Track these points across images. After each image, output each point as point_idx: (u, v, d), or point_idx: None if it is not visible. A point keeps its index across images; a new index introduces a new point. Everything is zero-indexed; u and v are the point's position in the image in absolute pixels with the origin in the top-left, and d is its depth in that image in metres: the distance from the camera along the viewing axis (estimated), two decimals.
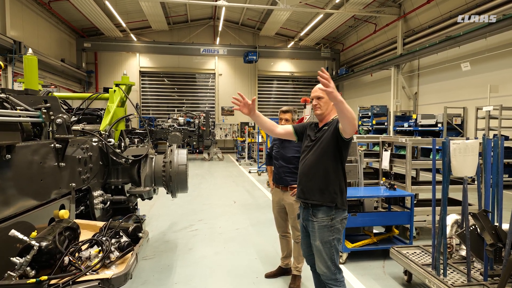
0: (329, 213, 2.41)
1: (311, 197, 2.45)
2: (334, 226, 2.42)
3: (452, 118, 11.33)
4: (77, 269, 1.75)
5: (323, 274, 2.47)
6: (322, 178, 2.42)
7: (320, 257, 2.45)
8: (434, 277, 2.94)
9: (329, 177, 2.42)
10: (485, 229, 2.66)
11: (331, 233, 2.41)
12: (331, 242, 2.42)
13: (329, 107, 2.50)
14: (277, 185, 3.54)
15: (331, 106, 2.48)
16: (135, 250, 2.02)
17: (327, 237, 2.41)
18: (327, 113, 2.51)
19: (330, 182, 2.41)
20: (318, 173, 2.43)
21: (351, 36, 19.60)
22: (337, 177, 2.43)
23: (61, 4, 14.68)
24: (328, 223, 2.41)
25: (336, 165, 2.43)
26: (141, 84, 20.24)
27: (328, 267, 2.43)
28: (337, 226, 2.43)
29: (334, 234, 2.42)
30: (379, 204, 5.20)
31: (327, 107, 2.50)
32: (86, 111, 3.94)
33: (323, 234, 2.42)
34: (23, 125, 2.15)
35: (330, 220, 2.41)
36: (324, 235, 2.41)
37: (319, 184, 2.42)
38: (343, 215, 2.47)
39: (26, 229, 1.93)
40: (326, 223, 2.41)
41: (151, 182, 3.61)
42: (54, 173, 2.29)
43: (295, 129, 2.69)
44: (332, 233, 2.42)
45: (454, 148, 2.82)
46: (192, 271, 3.82)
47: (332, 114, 2.51)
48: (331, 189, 2.41)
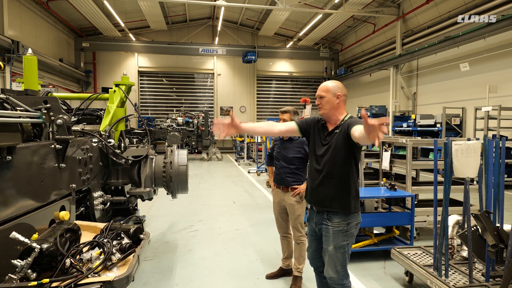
0: (345, 218, 2.36)
1: (327, 204, 2.39)
2: (349, 231, 2.38)
3: (451, 118, 11.35)
4: (78, 271, 1.74)
5: (331, 279, 2.42)
6: (337, 185, 2.36)
7: (330, 262, 2.40)
8: (436, 278, 2.93)
9: (344, 183, 2.35)
10: (487, 230, 2.66)
11: (345, 238, 2.37)
12: (345, 247, 2.38)
13: (333, 106, 2.38)
14: (278, 185, 3.52)
15: (335, 104, 2.38)
16: (136, 251, 2.01)
17: (341, 242, 2.36)
18: (331, 113, 2.40)
19: (345, 187, 2.35)
20: (332, 179, 2.36)
21: (350, 36, 19.61)
22: (353, 182, 2.37)
23: (59, 3, 14.62)
24: (344, 228, 2.36)
25: (350, 169, 2.36)
26: (140, 84, 20.19)
27: (338, 272, 2.38)
28: (352, 231, 2.39)
29: (348, 239, 2.38)
30: (380, 204, 5.19)
31: (330, 106, 2.38)
32: (86, 111, 3.91)
33: (338, 239, 2.37)
34: (23, 126, 2.13)
35: (346, 225, 2.36)
36: (339, 240, 2.37)
37: (335, 191, 2.36)
38: (358, 220, 2.43)
39: (27, 231, 1.91)
40: (342, 228, 2.36)
41: (151, 183, 3.59)
42: (54, 174, 2.27)
43: (299, 125, 2.58)
44: (347, 238, 2.38)
45: (456, 149, 2.82)
46: (192, 272, 3.80)
47: (337, 113, 2.40)
48: (346, 194, 2.35)
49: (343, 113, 2.42)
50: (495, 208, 2.98)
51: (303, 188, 3.36)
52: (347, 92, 2.58)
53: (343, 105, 2.43)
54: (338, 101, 2.39)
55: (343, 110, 2.44)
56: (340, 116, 2.41)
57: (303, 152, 3.41)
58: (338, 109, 2.40)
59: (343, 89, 2.42)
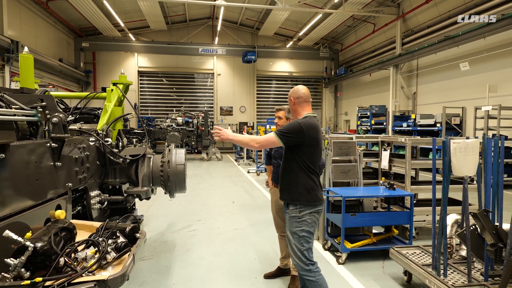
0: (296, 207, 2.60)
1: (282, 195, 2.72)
2: (302, 218, 2.56)
3: (450, 118, 11.33)
4: (72, 270, 1.72)
5: (296, 265, 2.59)
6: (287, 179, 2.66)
7: (290, 248, 2.61)
8: (434, 278, 2.92)
9: (292, 178, 2.61)
10: (486, 229, 2.64)
11: (299, 224, 2.56)
12: (299, 233, 2.55)
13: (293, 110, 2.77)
14: (276, 184, 3.51)
15: (293, 107, 2.74)
16: (132, 250, 2.00)
17: (294, 228, 2.57)
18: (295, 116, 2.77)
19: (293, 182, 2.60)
20: (284, 174, 2.69)
21: (350, 36, 19.61)
22: (301, 177, 2.57)
23: (59, 3, 14.63)
24: (297, 215, 2.57)
25: (296, 165, 2.59)
26: (140, 84, 20.20)
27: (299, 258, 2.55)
28: (305, 218, 2.57)
29: (302, 226, 2.56)
30: (379, 204, 5.18)
31: (291, 110, 2.81)
32: (84, 110, 3.90)
33: (291, 225, 2.60)
34: (18, 124, 2.11)
35: (299, 212, 2.57)
36: (292, 225, 2.59)
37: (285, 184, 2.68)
38: (314, 209, 2.60)
39: (21, 229, 1.89)
40: (294, 214, 2.59)
41: (149, 182, 3.57)
42: (50, 173, 2.25)
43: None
44: (301, 225, 2.56)
45: (455, 147, 2.80)
46: (190, 271, 3.79)
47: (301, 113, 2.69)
48: (294, 189, 2.59)
49: (303, 113, 2.69)
50: (494, 207, 2.97)
51: None
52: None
53: (303, 107, 2.68)
54: (295, 106, 2.71)
55: (303, 112, 2.69)
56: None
57: None
58: (295, 112, 2.73)
59: (297, 93, 2.69)
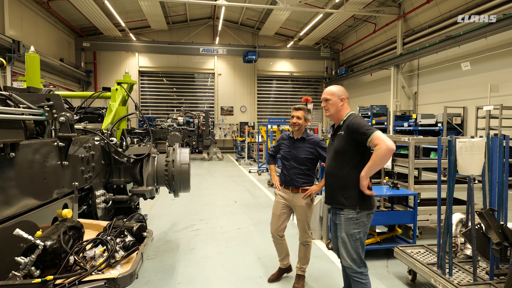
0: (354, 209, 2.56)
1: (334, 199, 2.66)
2: (359, 219, 2.54)
3: (452, 118, 11.34)
4: (82, 268, 1.72)
5: (349, 267, 2.57)
6: (339, 180, 2.60)
7: (345, 249, 2.57)
8: (439, 276, 2.92)
9: (346, 179, 2.56)
10: (492, 228, 2.64)
11: (357, 226, 2.54)
12: (356, 236, 2.54)
13: (337, 107, 2.67)
14: (287, 186, 3.34)
15: (339, 106, 2.67)
16: (140, 249, 2.00)
17: (352, 230, 2.54)
18: (336, 114, 2.69)
19: (348, 184, 2.55)
20: (335, 175, 2.62)
21: (350, 36, 19.59)
22: (357, 179, 2.51)
23: (60, 3, 14.62)
24: (354, 216, 2.54)
25: (353, 165, 2.54)
26: (140, 84, 20.18)
27: (354, 260, 2.54)
28: (363, 219, 2.55)
29: (360, 228, 2.54)
30: (382, 203, 5.18)
31: (335, 108, 2.67)
32: (88, 110, 3.90)
33: (348, 226, 2.56)
34: (26, 123, 2.12)
35: (356, 213, 2.54)
36: (349, 227, 2.55)
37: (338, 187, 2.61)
38: (371, 211, 2.60)
39: (30, 228, 1.90)
40: (352, 216, 2.55)
41: (154, 182, 3.57)
42: (57, 172, 2.25)
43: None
44: (358, 226, 2.54)
45: (460, 146, 2.80)
46: (194, 271, 3.79)
47: (343, 112, 2.68)
48: (351, 192, 2.54)
49: (346, 110, 2.71)
50: (499, 206, 2.97)
51: (314, 189, 3.24)
52: (348, 91, 2.87)
53: (346, 106, 2.71)
54: (342, 103, 2.68)
55: (346, 110, 2.71)
56: (343, 114, 2.70)
57: (316, 154, 3.26)
58: (342, 109, 2.69)
59: (345, 93, 2.72)
